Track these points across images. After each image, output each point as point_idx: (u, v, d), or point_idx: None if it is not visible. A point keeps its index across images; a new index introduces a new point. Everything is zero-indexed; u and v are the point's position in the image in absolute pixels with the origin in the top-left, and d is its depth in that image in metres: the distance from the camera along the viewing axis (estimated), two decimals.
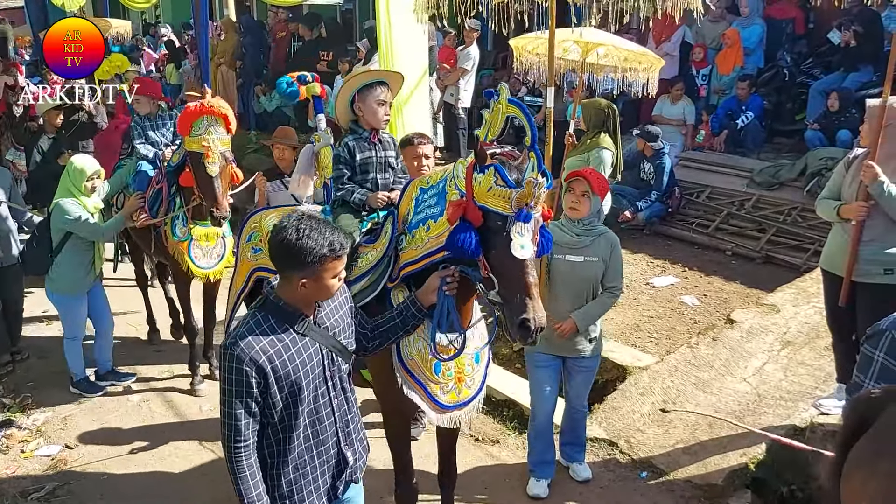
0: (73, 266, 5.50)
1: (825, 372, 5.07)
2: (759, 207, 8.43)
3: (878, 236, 4.09)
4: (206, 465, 4.85)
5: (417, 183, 3.32)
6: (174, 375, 6.07)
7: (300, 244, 2.51)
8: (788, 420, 4.74)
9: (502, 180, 2.76)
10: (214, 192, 5.18)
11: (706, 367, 5.38)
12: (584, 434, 4.66)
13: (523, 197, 2.74)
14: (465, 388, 3.37)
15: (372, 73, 4.15)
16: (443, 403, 3.31)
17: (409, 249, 3.21)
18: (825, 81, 9.22)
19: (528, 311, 2.76)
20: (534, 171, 2.77)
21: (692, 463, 4.59)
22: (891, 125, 4.07)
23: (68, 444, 5.09)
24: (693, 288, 7.21)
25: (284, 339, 2.58)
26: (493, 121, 2.92)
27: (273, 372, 2.52)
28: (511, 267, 2.78)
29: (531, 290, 2.78)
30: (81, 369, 5.73)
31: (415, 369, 3.26)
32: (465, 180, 2.91)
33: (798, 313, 5.84)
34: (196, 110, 5.09)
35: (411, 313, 3.01)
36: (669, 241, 8.55)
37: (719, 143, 9.59)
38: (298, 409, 2.62)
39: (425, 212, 3.15)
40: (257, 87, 12.37)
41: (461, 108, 10.35)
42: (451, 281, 3.00)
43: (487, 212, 2.82)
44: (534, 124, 2.85)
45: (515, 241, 2.75)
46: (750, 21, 10.03)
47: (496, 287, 2.84)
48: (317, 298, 2.66)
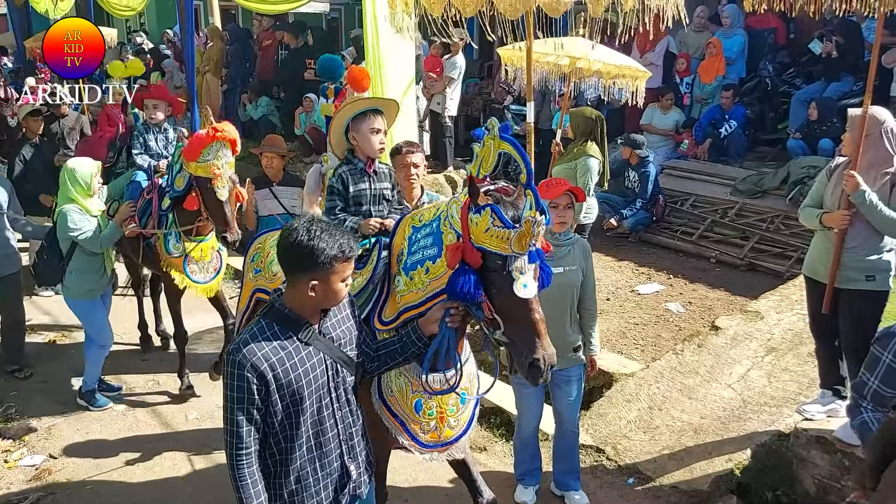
0: (86, 271, 5.48)
1: (809, 378, 5.12)
2: (743, 215, 8.51)
3: (860, 243, 4.15)
4: (191, 475, 4.83)
5: (409, 220, 3.22)
6: (159, 384, 6.04)
7: (311, 245, 2.50)
8: (773, 426, 4.78)
9: (500, 221, 2.70)
10: (225, 216, 5.20)
11: (691, 374, 5.42)
12: (577, 459, 4.57)
13: (523, 237, 2.68)
14: (447, 429, 3.29)
15: (366, 101, 4.09)
16: (423, 442, 3.25)
17: (409, 293, 3.08)
18: (807, 91, 9.34)
19: (536, 350, 2.70)
20: (531, 209, 2.69)
21: (678, 469, 4.62)
22: (871, 134, 4.13)
23: (52, 454, 5.05)
24: (678, 295, 7.26)
25: (287, 346, 2.55)
26: (485, 157, 2.84)
27: (275, 379, 2.49)
28: (516, 307, 2.73)
29: (539, 328, 2.72)
30: (95, 380, 5.67)
31: (394, 406, 3.21)
32: (460, 221, 2.84)
33: (781, 320, 5.90)
34: (208, 137, 5.09)
35: (412, 340, 2.92)
36: (654, 249, 8.61)
37: (703, 151, 9.67)
38: (300, 419, 2.58)
39: (421, 252, 3.05)
40: (243, 95, 12.34)
41: (447, 117, 10.36)
42: (455, 313, 2.92)
43: (486, 252, 2.76)
44: (528, 160, 2.77)
45: (518, 281, 2.70)
46: (732, 31, 10.15)
47: (501, 328, 2.78)
48: (325, 304, 2.62)
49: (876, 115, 4.17)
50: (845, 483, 4.24)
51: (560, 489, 4.56)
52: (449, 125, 10.44)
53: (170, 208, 5.57)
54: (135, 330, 6.80)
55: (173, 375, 6.00)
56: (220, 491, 4.57)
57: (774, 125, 10.01)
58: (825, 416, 4.53)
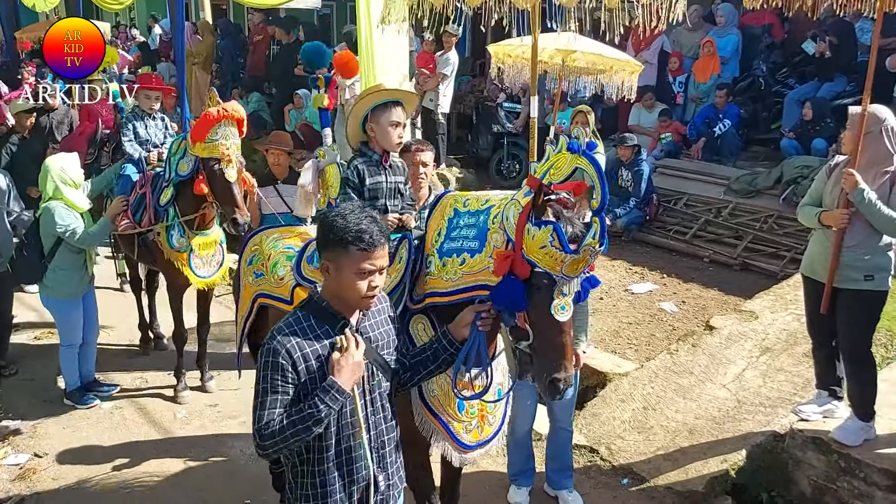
0: (68, 270, 5.33)
1: (804, 378, 5.09)
2: (736, 215, 8.49)
3: (859, 242, 4.10)
4: (177, 474, 4.74)
5: (452, 201, 3.07)
6: (147, 382, 5.94)
7: (332, 221, 2.41)
8: (768, 426, 4.74)
9: (559, 242, 2.55)
10: (234, 198, 5.07)
11: (686, 374, 5.38)
12: (570, 458, 4.50)
13: (577, 263, 2.56)
14: (486, 426, 3.21)
15: (387, 93, 3.88)
16: (466, 444, 3.14)
17: (439, 278, 2.98)
18: (800, 91, 9.34)
19: (559, 371, 2.64)
20: (594, 238, 2.56)
21: (673, 469, 4.57)
22: (871, 133, 4.09)
23: (37, 453, 4.94)
24: (672, 294, 7.23)
25: (324, 339, 2.44)
26: (558, 165, 2.68)
27: (307, 371, 2.39)
28: (549, 325, 2.64)
29: (566, 351, 2.65)
30: (75, 379, 5.54)
31: (437, 407, 3.09)
32: (515, 227, 2.68)
33: (776, 320, 5.86)
34: (217, 116, 4.98)
35: (443, 346, 2.78)
36: (648, 248, 8.59)
37: (697, 151, 9.65)
38: (329, 420, 2.44)
39: (461, 241, 2.93)
40: (234, 91, 12.24)
41: (440, 114, 10.30)
42: (486, 317, 2.78)
43: (536, 269, 2.63)
44: (606, 186, 2.61)
45: (557, 302, 2.61)
46: (726, 30, 10.13)
47: (530, 339, 2.70)
48: (344, 297, 2.47)
49: (876, 113, 4.12)
50: (841, 484, 4.21)
51: (553, 488, 4.51)
52: (442, 122, 10.38)
53: (170, 202, 5.42)
54: (123, 327, 6.70)
55: (161, 373, 5.92)
56: (207, 492, 4.53)
57: (768, 125, 10.02)
58: (821, 417, 4.49)
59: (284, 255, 3.91)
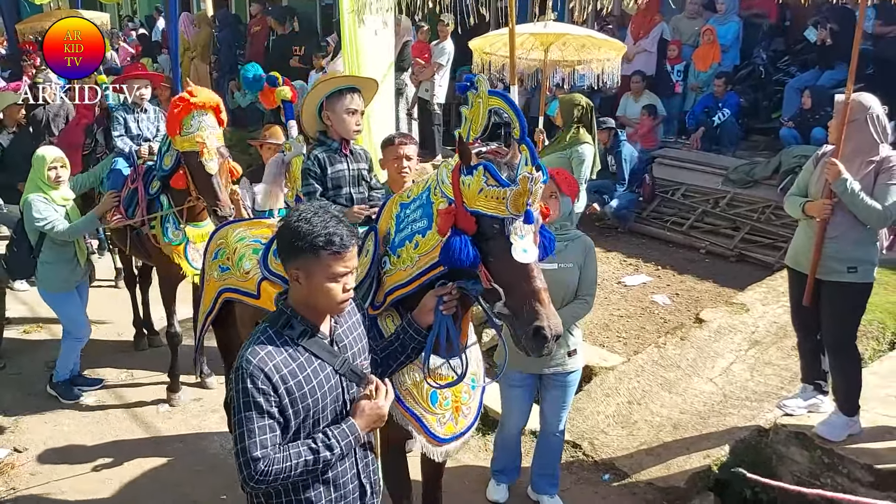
0: (58, 263, 5.31)
1: (792, 372, 5.00)
2: (734, 205, 8.37)
3: (841, 233, 4.00)
4: (158, 469, 4.71)
5: (397, 199, 3.03)
6: (133, 377, 5.91)
7: (296, 227, 2.28)
8: (753, 421, 4.67)
9: (494, 179, 2.51)
10: (214, 191, 4.94)
11: (673, 368, 5.30)
12: (558, 463, 4.33)
13: (519, 195, 2.48)
14: (461, 418, 3.10)
15: (341, 80, 3.81)
16: (439, 437, 3.04)
17: (397, 271, 2.90)
18: (801, 79, 9.18)
19: (540, 318, 2.52)
20: (528, 165, 2.52)
21: (655, 465, 4.50)
22: (857, 120, 3.99)
23: (17, 448, 4.92)
24: (665, 287, 7.14)
25: (299, 357, 2.31)
26: (475, 116, 2.65)
27: (287, 393, 2.24)
28: (515, 274, 2.55)
29: (541, 296, 2.54)
30: (67, 372, 5.53)
31: (409, 401, 2.99)
32: (451, 185, 2.64)
33: (767, 312, 5.77)
34: (184, 106, 4.86)
35: (409, 335, 2.71)
36: (643, 240, 8.49)
37: (695, 140, 9.52)
38: None
39: (409, 227, 2.85)
40: (231, 83, 12.19)
41: (436, 104, 10.23)
42: (449, 299, 2.70)
43: (481, 216, 2.56)
44: (521, 113, 2.58)
45: (517, 245, 2.51)
46: (726, 18, 9.98)
47: (502, 298, 2.58)
48: (317, 305, 2.35)
49: (861, 101, 4.03)
50: (824, 480, 4.14)
51: (536, 492, 4.37)
52: (438, 113, 10.31)
53: (158, 192, 5.36)
54: (112, 323, 6.68)
55: (148, 369, 5.89)
56: (186, 486, 4.50)
57: (768, 114, 9.85)
58: (806, 412, 4.42)
59: (251, 249, 3.81)
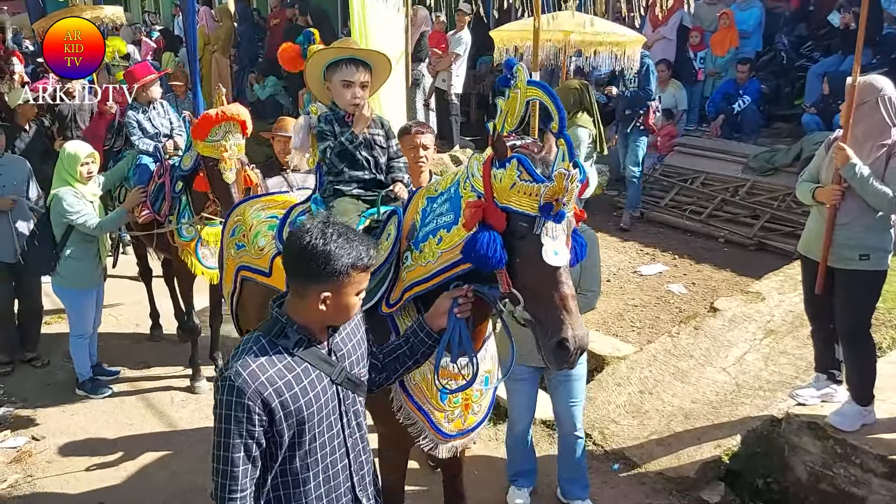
0: (82, 258, 5.32)
1: (807, 361, 4.91)
2: (754, 193, 8.25)
3: (852, 220, 3.92)
4: (171, 457, 4.78)
5: (424, 192, 2.88)
6: (148, 367, 5.98)
7: (327, 251, 2.14)
8: (766, 411, 4.61)
9: (528, 174, 2.35)
10: (231, 199, 4.95)
11: (686, 357, 5.24)
12: (583, 467, 4.15)
13: (554, 192, 2.32)
14: (471, 415, 3.00)
15: (337, 50, 3.62)
16: (446, 433, 2.95)
17: (417, 266, 2.75)
18: (823, 65, 9.03)
19: (565, 329, 2.34)
20: (564, 160, 2.34)
21: (665, 455, 4.47)
22: (867, 102, 3.91)
23: (35, 437, 5.02)
24: (682, 276, 7.06)
25: (295, 368, 2.19)
26: (511, 108, 2.50)
27: (281, 407, 2.14)
28: (542, 278, 2.37)
29: (568, 304, 2.36)
30: (87, 369, 5.55)
31: (418, 396, 2.89)
32: (482, 179, 2.48)
33: (783, 301, 5.68)
34: (216, 118, 4.95)
35: (420, 339, 2.56)
36: (661, 229, 8.41)
37: (715, 128, 9.40)
38: (308, 451, 2.24)
39: (435, 221, 2.70)
40: (251, 75, 12.27)
41: (454, 95, 10.19)
42: (464, 302, 2.54)
43: (511, 213, 2.40)
44: (561, 107, 2.42)
45: (548, 246, 2.34)
46: (748, 4, 9.82)
47: (521, 302, 2.41)
48: (335, 321, 2.28)
49: (872, 83, 3.95)
50: (837, 471, 4.08)
51: (566, 497, 4.22)
52: (455, 103, 10.27)
53: (183, 190, 5.43)
54: (128, 315, 6.76)
55: (161, 361, 5.95)
56: (197, 476, 4.53)
57: (791, 100, 9.70)
58: (819, 402, 4.34)
59: (266, 225, 3.74)
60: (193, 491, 4.35)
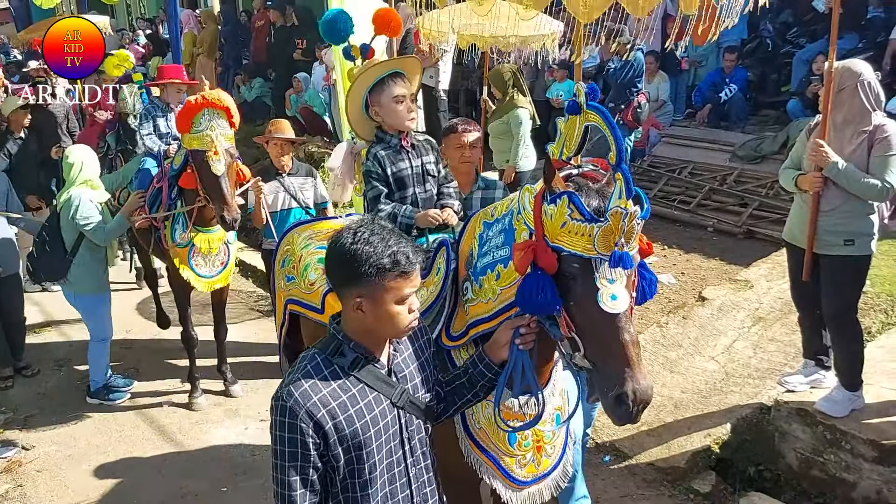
0: (93, 264, 5.26)
1: (796, 348, 4.91)
2: (741, 182, 8.25)
3: (835, 207, 3.91)
4: (161, 462, 4.76)
5: (481, 216, 2.68)
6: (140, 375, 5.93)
7: (354, 249, 2.04)
8: (755, 398, 4.61)
9: (578, 212, 2.14)
10: (222, 193, 4.73)
11: (674, 347, 5.24)
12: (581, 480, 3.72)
13: (609, 233, 2.11)
14: (544, 458, 2.75)
15: (380, 66, 3.46)
16: (519, 480, 2.70)
17: (479, 302, 2.56)
18: (808, 50, 9.02)
19: (624, 382, 2.12)
20: (621, 197, 2.11)
21: (656, 446, 4.47)
22: (846, 87, 3.90)
23: (25, 446, 4.99)
24: (671, 266, 7.05)
25: (351, 388, 2.09)
26: (570, 133, 2.30)
27: (335, 429, 2.04)
28: (600, 324, 2.16)
29: (629, 353, 2.14)
30: (102, 376, 5.46)
31: (484, 440, 2.67)
32: (532, 214, 2.30)
33: (771, 288, 5.69)
34: (196, 104, 4.70)
35: (479, 371, 2.38)
36: (650, 219, 8.21)
37: (702, 117, 9.39)
38: (367, 479, 2.11)
39: (492, 254, 2.52)
40: (237, 77, 12.24)
41: (441, 91, 10.14)
42: (527, 332, 2.35)
43: (563, 254, 2.21)
44: (619, 135, 2.21)
45: (604, 291, 2.13)
46: None
47: (581, 350, 2.23)
48: (380, 332, 2.14)
49: (851, 67, 3.94)
50: (827, 457, 4.08)
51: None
52: (443, 99, 10.22)
53: (177, 194, 5.24)
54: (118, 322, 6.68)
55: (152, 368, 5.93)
56: (189, 481, 4.53)
57: (777, 87, 9.69)
58: (808, 388, 4.35)
59: (316, 257, 3.47)
60: (185, 497, 4.34)
